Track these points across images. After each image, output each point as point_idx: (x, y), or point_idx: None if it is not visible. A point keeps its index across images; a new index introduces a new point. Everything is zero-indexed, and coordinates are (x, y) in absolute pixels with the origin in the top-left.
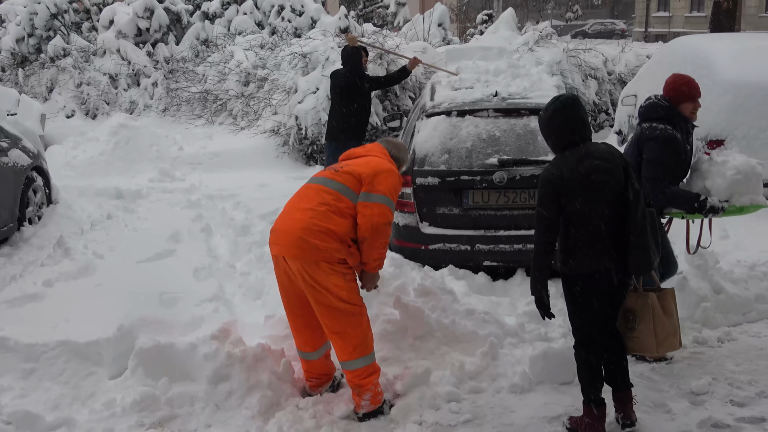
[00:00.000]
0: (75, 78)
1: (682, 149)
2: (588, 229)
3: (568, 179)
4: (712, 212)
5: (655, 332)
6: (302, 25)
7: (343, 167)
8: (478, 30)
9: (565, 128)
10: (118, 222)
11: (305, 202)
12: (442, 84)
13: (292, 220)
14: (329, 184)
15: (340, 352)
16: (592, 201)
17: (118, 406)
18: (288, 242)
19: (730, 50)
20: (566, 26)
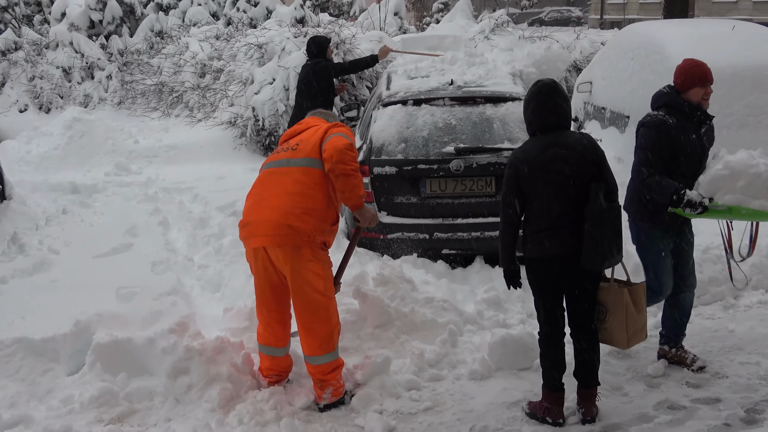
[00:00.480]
0: (27, 72)
1: (678, 138)
2: (545, 215)
3: (530, 164)
4: (690, 207)
5: (626, 327)
6: (258, 16)
7: (294, 144)
8: (435, 19)
9: (539, 113)
10: (74, 217)
11: (278, 187)
12: (398, 73)
13: (267, 208)
14: (293, 163)
15: (307, 347)
16: (551, 189)
17: (76, 402)
18: (269, 231)
19: (683, 36)
20: (522, 14)
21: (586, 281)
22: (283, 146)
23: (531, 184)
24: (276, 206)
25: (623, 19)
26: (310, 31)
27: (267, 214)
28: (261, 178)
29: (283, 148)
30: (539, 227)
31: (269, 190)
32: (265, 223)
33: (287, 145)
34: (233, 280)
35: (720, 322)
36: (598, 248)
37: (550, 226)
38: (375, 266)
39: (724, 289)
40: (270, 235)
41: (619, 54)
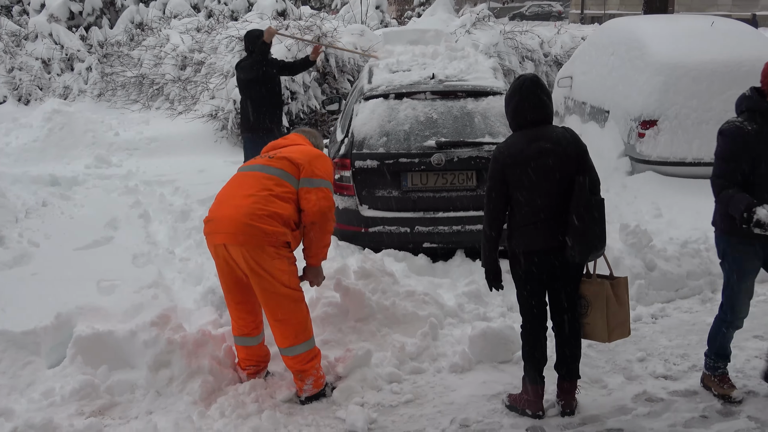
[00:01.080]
0: (6, 63)
1: (758, 147)
2: (530, 209)
3: (515, 158)
4: (760, 228)
5: (607, 320)
6: (239, 8)
7: (276, 154)
8: (416, 12)
9: (521, 108)
10: (54, 209)
11: (245, 189)
12: (379, 67)
13: (231, 207)
14: (268, 170)
15: (282, 339)
16: (536, 182)
17: (58, 395)
18: (231, 229)
19: (663, 31)
20: (503, 8)
21: (569, 274)
22: (266, 153)
23: (516, 178)
24: (239, 205)
25: (603, 14)
26: (292, 23)
27: (230, 212)
28: (233, 178)
29: (260, 156)
30: (525, 221)
31: (236, 190)
32: (227, 221)
33: (267, 154)
34: (214, 272)
35: (697, 315)
36: (584, 240)
37: (536, 219)
38: (356, 259)
39: (702, 283)
40: (230, 233)
41: (600, 49)
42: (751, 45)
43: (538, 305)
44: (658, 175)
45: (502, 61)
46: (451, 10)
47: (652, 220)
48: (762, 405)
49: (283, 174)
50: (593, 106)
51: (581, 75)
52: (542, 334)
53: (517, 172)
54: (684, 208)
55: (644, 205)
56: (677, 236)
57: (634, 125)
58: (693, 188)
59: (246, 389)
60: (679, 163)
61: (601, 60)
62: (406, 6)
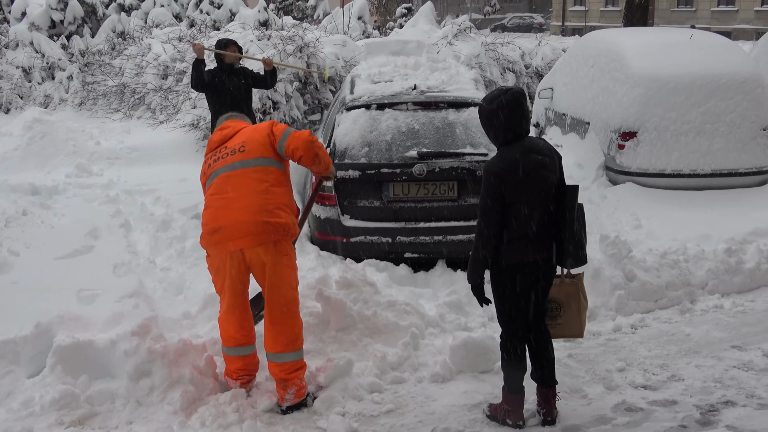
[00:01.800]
0: None
1: None
2: (525, 221)
3: (514, 172)
4: None
5: (581, 316)
6: (221, 18)
7: (238, 146)
8: (398, 23)
9: (512, 121)
10: (34, 218)
11: (241, 189)
12: (361, 77)
13: (238, 211)
14: (248, 164)
15: (273, 344)
16: (533, 195)
17: (37, 404)
18: (248, 231)
19: (642, 44)
20: (485, 20)
21: (546, 282)
22: (223, 151)
23: (514, 191)
24: (247, 206)
25: (584, 26)
26: (274, 34)
27: (240, 215)
28: (218, 183)
29: (228, 152)
30: (520, 233)
31: (234, 193)
32: (241, 225)
33: (227, 149)
34: (196, 282)
35: (677, 325)
36: (581, 246)
37: (528, 231)
38: (338, 269)
39: (681, 294)
40: (249, 235)
41: (580, 61)
42: (730, 58)
43: (523, 316)
44: (638, 187)
45: (483, 73)
46: (432, 22)
47: (632, 231)
48: (740, 414)
49: (264, 161)
50: (574, 117)
51: (562, 86)
52: (524, 344)
53: (516, 185)
54: (663, 220)
55: (624, 216)
56: (656, 247)
57: (614, 137)
58: (672, 199)
59: (227, 399)
60: (659, 174)
61: (581, 72)
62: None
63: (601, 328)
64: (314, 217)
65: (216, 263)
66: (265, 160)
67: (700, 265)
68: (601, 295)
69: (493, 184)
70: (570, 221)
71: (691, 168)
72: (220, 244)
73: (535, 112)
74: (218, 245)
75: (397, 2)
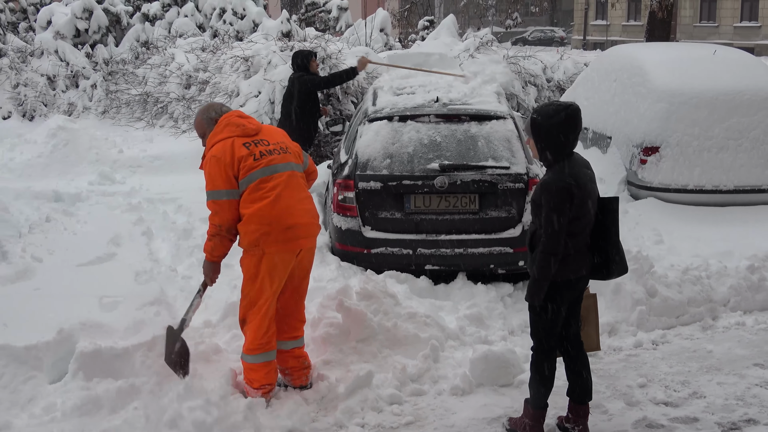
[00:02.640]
0: (12, 79)
1: None
2: (579, 237)
3: (578, 188)
4: None
5: (598, 330)
6: (244, 29)
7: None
8: (420, 36)
9: (571, 138)
10: (57, 225)
11: (300, 190)
12: (384, 89)
13: (305, 212)
14: (299, 168)
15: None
16: (588, 210)
17: (59, 410)
18: (311, 232)
19: (665, 59)
20: (506, 33)
21: (580, 297)
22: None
23: (579, 207)
24: (310, 210)
25: (606, 40)
26: (296, 45)
27: (307, 217)
28: (286, 180)
29: (277, 149)
30: (571, 250)
31: (301, 194)
32: (309, 226)
33: (272, 144)
34: (217, 291)
35: (698, 342)
36: (623, 259)
37: (579, 246)
38: (358, 280)
39: (703, 310)
40: (312, 237)
41: (602, 75)
42: (753, 74)
43: (557, 336)
44: (660, 202)
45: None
46: (454, 34)
47: (653, 247)
48: None
49: (301, 167)
50: (595, 131)
51: (584, 101)
52: (555, 359)
53: (581, 201)
54: (685, 235)
55: (645, 232)
56: (678, 263)
57: (636, 151)
58: (694, 215)
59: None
60: (681, 190)
61: (603, 86)
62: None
63: (622, 344)
64: (335, 227)
65: (274, 261)
66: (301, 166)
67: (723, 281)
68: (623, 310)
69: (561, 200)
70: (615, 233)
71: (714, 184)
72: (295, 242)
73: None
74: (292, 243)
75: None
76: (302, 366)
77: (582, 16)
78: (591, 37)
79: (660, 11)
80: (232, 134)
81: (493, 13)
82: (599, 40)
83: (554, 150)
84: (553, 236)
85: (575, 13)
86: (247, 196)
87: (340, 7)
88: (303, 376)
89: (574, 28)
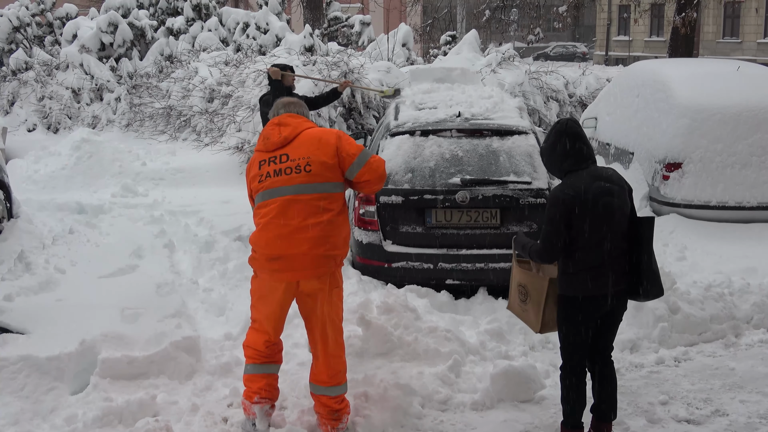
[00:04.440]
0: (37, 92)
1: None
2: (592, 252)
3: (582, 200)
4: None
5: (543, 314)
6: (267, 43)
7: (304, 164)
8: (442, 51)
9: (575, 148)
10: (80, 237)
11: (305, 218)
12: (406, 104)
13: (302, 242)
14: (315, 190)
15: (331, 376)
16: (600, 224)
17: (80, 421)
18: (308, 264)
19: (688, 74)
20: (528, 48)
21: (617, 316)
22: (284, 161)
23: (582, 221)
24: (312, 238)
25: (628, 56)
26: (319, 59)
27: (304, 247)
28: (281, 206)
29: (292, 168)
30: (585, 265)
31: (299, 222)
32: (302, 257)
33: (291, 161)
34: (237, 304)
35: (721, 360)
36: (658, 279)
37: (598, 264)
38: (379, 294)
39: (726, 327)
40: (309, 269)
41: (625, 91)
42: None
43: (584, 353)
44: (682, 218)
45: (527, 101)
46: (476, 49)
47: (676, 263)
48: None
49: (330, 186)
50: (618, 147)
51: (606, 116)
52: (582, 377)
53: (582, 214)
54: (708, 252)
55: (668, 248)
56: (701, 280)
57: (659, 167)
58: (717, 232)
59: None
60: (704, 206)
61: (626, 102)
62: (431, 44)
63: (644, 360)
64: (357, 241)
65: (264, 289)
66: (331, 185)
67: (745, 298)
68: (644, 326)
69: (558, 212)
70: (647, 253)
71: (737, 200)
72: (280, 273)
73: None
74: (277, 274)
75: (442, 30)
76: (328, 416)
77: (604, 31)
78: (613, 52)
79: (683, 27)
80: (258, 148)
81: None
82: (621, 55)
83: (559, 165)
84: (544, 241)
85: (597, 29)
86: (253, 218)
87: (363, 21)
88: (326, 425)
89: (596, 44)
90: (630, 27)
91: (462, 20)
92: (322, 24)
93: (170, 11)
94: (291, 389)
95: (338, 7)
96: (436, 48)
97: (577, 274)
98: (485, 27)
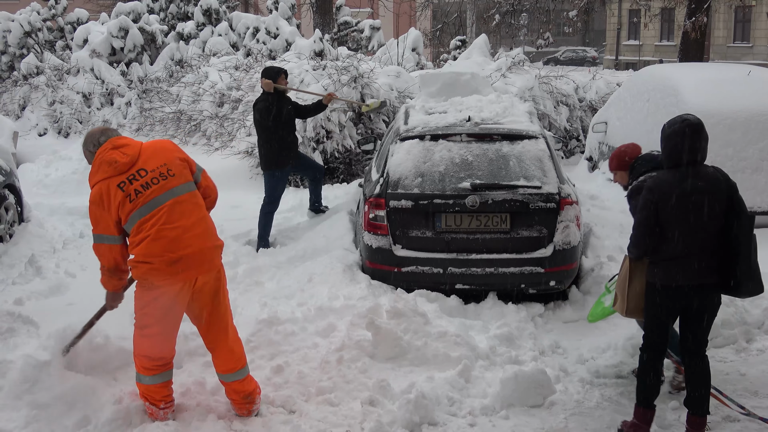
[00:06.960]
0: (48, 96)
1: None
2: (677, 244)
3: (668, 193)
4: None
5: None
6: (277, 48)
7: (165, 170)
8: (452, 55)
9: (680, 148)
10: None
11: (188, 216)
12: (416, 108)
13: (195, 238)
14: (187, 189)
15: (238, 360)
16: (687, 220)
17: (92, 423)
18: (205, 258)
19: (698, 79)
20: (538, 53)
21: (709, 310)
22: (146, 176)
23: (668, 213)
24: (201, 233)
25: (638, 60)
26: (329, 64)
27: (199, 242)
28: (166, 212)
29: (157, 177)
30: (670, 255)
31: (187, 221)
32: (201, 252)
33: (153, 172)
34: (248, 308)
35: (732, 365)
36: (756, 277)
37: (681, 255)
38: (388, 299)
39: (737, 332)
40: (207, 262)
41: (635, 95)
42: None
43: (661, 336)
44: None
45: (537, 105)
46: (486, 54)
47: None
48: None
49: (192, 185)
50: None
51: (616, 121)
52: (659, 363)
53: (668, 207)
54: None
55: None
56: None
57: None
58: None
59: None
60: None
61: (636, 106)
62: (441, 49)
63: None
64: (366, 246)
65: (166, 294)
66: (192, 184)
67: (757, 303)
68: None
69: (649, 199)
70: (744, 251)
71: (748, 205)
72: (183, 273)
73: (589, 146)
74: (180, 275)
75: (451, 35)
76: (242, 401)
77: (614, 36)
78: (623, 57)
79: (693, 31)
80: (106, 175)
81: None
82: (631, 60)
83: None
84: (638, 230)
85: (607, 33)
86: (132, 239)
87: (373, 26)
88: (244, 410)
89: (606, 48)
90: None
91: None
92: (332, 28)
93: (180, 16)
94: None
95: (348, 11)
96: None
97: (658, 264)
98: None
